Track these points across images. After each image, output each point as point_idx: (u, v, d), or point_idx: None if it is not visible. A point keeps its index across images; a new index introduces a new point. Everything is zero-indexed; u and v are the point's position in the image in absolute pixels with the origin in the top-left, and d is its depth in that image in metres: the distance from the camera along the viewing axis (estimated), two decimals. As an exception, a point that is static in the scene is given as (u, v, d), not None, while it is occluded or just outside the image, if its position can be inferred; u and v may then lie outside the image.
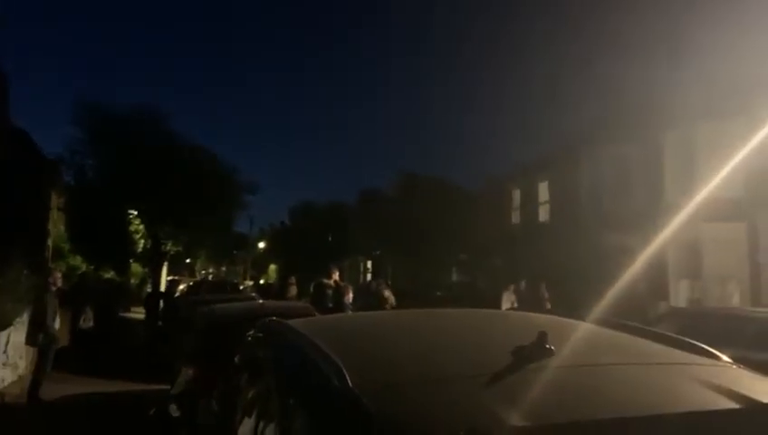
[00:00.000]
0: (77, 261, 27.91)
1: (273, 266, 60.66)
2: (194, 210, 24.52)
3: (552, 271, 20.51)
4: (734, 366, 2.04)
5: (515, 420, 1.44)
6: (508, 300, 17.45)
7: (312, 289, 10.75)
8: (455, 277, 32.96)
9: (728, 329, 7.69)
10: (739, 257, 16.17)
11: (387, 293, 8.78)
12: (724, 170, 14.91)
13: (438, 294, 24.23)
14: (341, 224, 43.55)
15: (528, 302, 17.63)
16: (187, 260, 39.62)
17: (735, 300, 16.29)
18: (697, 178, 17.04)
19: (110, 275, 28.84)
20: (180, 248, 28.46)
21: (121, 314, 22.73)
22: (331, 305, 9.71)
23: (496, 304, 16.78)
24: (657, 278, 16.53)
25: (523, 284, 19.22)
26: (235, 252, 61.56)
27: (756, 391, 1.73)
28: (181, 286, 25.47)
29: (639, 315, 13.10)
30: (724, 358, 2.10)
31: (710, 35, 14.76)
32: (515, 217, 27.82)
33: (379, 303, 8.44)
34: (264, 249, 61.64)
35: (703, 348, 2.18)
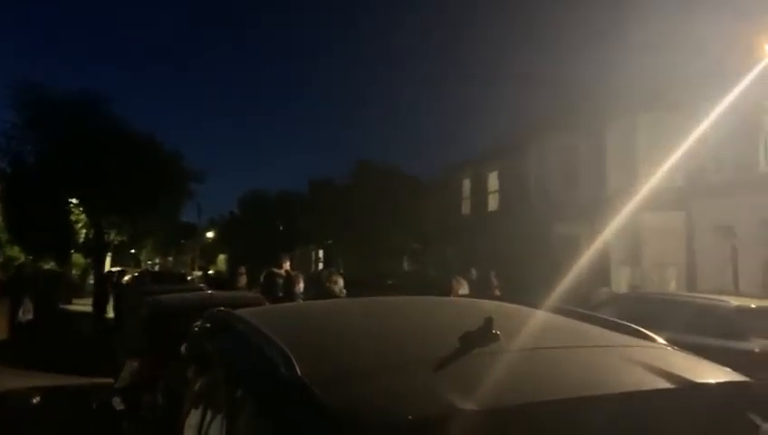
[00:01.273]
0: (15, 252, 26.69)
1: (222, 256, 59.65)
2: (138, 198, 23.74)
3: (502, 259, 20.93)
4: (669, 348, 2.13)
5: (463, 404, 1.46)
6: (458, 288, 17.73)
7: (262, 279, 10.62)
8: (406, 266, 33.19)
9: (665, 313, 8.07)
10: (677, 245, 16.90)
11: (337, 281, 8.77)
12: (665, 161, 15.53)
13: (390, 282, 24.36)
14: (292, 213, 43.17)
15: (478, 290, 17.95)
16: (132, 250, 38.46)
17: (673, 285, 17.05)
18: (639, 169, 17.69)
19: (50, 265, 27.71)
20: (124, 238, 27.59)
21: (62, 306, 21.92)
22: (281, 295, 9.63)
23: (446, 293, 17.02)
24: (600, 265, 17.09)
25: (474, 272, 19.55)
26: (182, 242, 60.17)
27: (689, 370, 1.82)
28: (126, 278, 24.72)
29: (584, 301, 13.60)
30: (660, 340, 2.20)
31: (653, 29, 15.28)
32: (466, 207, 28.21)
33: (330, 292, 8.43)
34: (213, 239, 60.50)
35: (640, 331, 2.27)
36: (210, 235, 60.90)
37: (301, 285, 10.03)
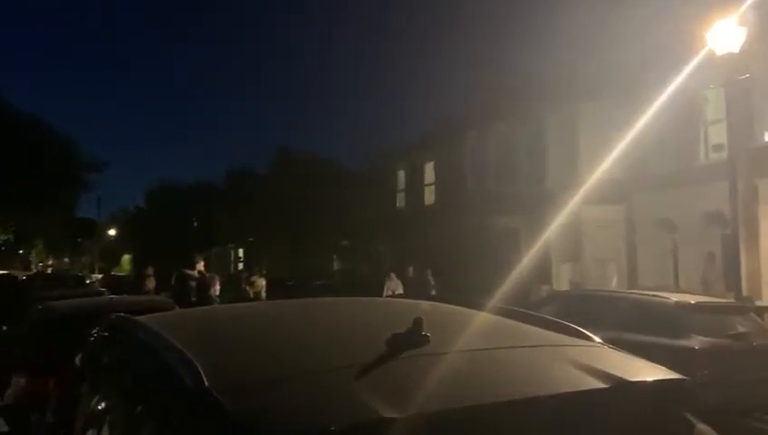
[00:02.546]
0: None
1: (126, 256, 57.62)
2: (25, 191, 22.41)
3: (439, 256, 21.28)
4: (605, 347, 2.23)
5: (383, 412, 1.46)
6: (390, 288, 17.90)
7: (173, 281, 10.36)
8: (337, 265, 33.20)
9: (606, 310, 8.45)
10: (618, 240, 17.73)
11: (257, 283, 8.68)
12: (606, 152, 16.23)
13: (318, 283, 24.32)
14: (208, 207, 42.20)
15: (414, 289, 18.21)
16: (20, 251, 36.49)
17: (614, 282, 17.87)
18: (581, 160, 18.41)
19: None
20: (10, 237, 26.11)
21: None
22: (194, 299, 9.42)
23: (379, 292, 17.14)
24: (541, 261, 17.67)
25: (410, 270, 19.83)
26: (79, 240, 57.63)
27: (624, 369, 1.91)
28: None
29: (524, 299, 14.03)
30: (596, 339, 2.30)
31: (596, 17, 15.91)
32: (401, 200, 28.48)
33: (246, 295, 8.33)
34: (116, 237, 58.34)
35: (577, 330, 2.36)
36: (112, 232, 58.67)
37: (217, 288, 9.85)
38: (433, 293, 17.67)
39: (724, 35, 10.71)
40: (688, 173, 15.53)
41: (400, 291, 17.51)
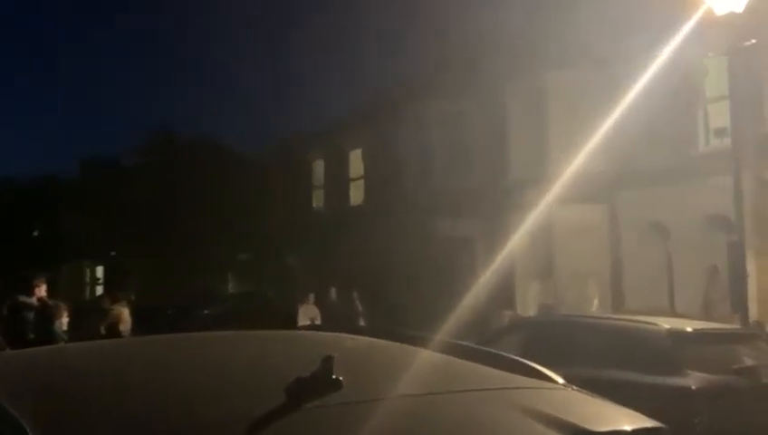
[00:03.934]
0: None
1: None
2: None
3: (369, 273, 21.35)
4: (569, 389, 2.32)
5: None
6: (307, 315, 17.86)
7: (3, 312, 10.05)
8: (233, 286, 32.80)
9: (583, 341, 8.72)
10: (599, 249, 18.27)
11: (120, 315, 8.53)
12: (582, 139, 16.68)
13: (207, 311, 23.97)
14: (53, 211, 40.91)
15: (336, 316, 18.16)
16: None
17: (595, 304, 18.40)
18: (549, 148, 18.87)
19: None
20: None
21: None
22: (32, 336, 9.16)
23: (291, 322, 17.05)
24: (502, 279, 17.99)
25: (332, 292, 19.77)
26: None
27: (590, 418, 2.00)
28: None
29: (480, 327, 14.23)
30: (559, 380, 2.39)
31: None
32: (318, 199, 28.47)
33: (111, 328, 8.17)
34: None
35: (535, 368, 2.45)
36: None
37: (64, 320, 9.58)
38: (361, 322, 17.72)
39: (726, -10, 11.24)
40: (685, 165, 16.19)
41: (319, 320, 17.45)
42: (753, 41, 12.72)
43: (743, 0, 11.29)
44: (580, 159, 16.83)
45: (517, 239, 18.31)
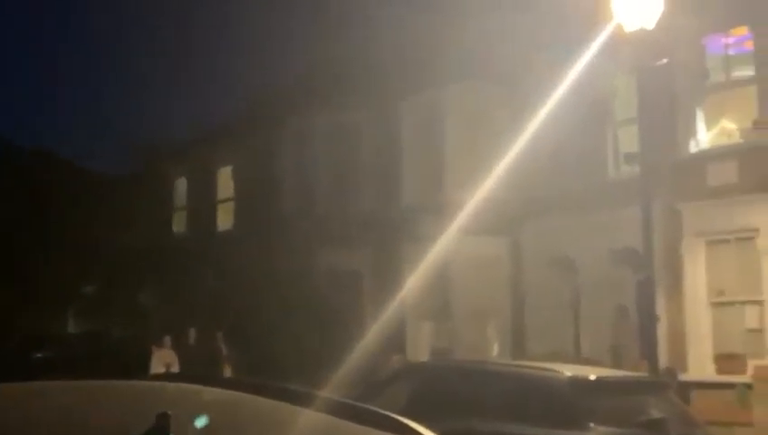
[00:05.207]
0: None
1: None
2: None
3: (238, 311, 21.06)
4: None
5: None
6: (162, 361, 17.54)
7: None
8: (74, 325, 31.73)
9: (478, 390, 8.92)
10: (500, 286, 18.64)
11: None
12: (482, 163, 17.01)
13: (39, 355, 23.11)
14: None
15: (197, 361, 17.83)
16: None
17: (495, 348, 18.78)
18: (446, 172, 19.17)
19: None
20: None
21: None
22: None
23: (143, 368, 16.72)
24: (392, 318, 18.11)
25: (191, 333, 19.45)
26: None
27: None
28: None
29: (366, 374, 14.26)
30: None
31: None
32: (180, 222, 27.95)
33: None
34: None
35: (409, 427, 2.55)
36: None
37: None
38: (226, 370, 17.48)
39: (635, 5, 11.77)
40: (594, 193, 16.81)
41: (176, 367, 17.17)
42: (665, 60, 13.35)
43: (654, 16, 11.79)
44: (481, 185, 17.24)
45: (410, 274, 18.49)
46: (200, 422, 2.10)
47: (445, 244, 17.62)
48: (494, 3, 16.97)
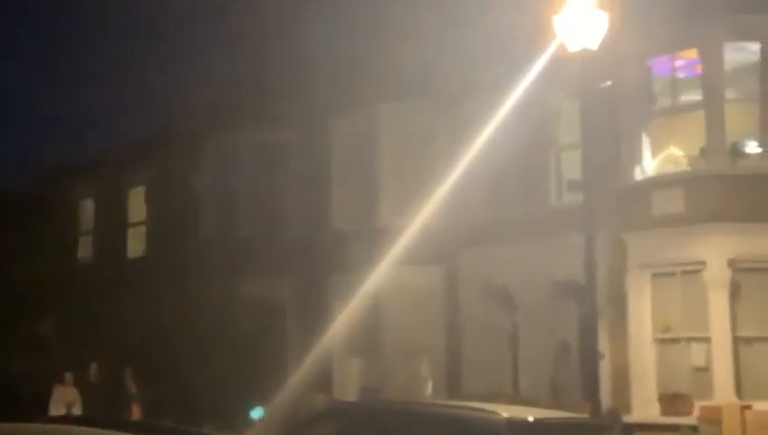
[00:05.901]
0: None
1: None
2: None
3: (149, 346, 20.78)
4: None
5: None
6: (63, 400, 17.27)
7: None
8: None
9: (403, 433, 8.96)
10: (434, 320, 18.70)
11: None
12: (415, 186, 17.10)
13: None
14: None
15: (103, 401, 17.50)
16: None
17: (429, 387, 18.81)
18: (380, 196, 19.23)
19: None
20: None
21: None
22: None
23: (43, 407, 16.45)
24: (317, 353, 18.09)
25: (93, 368, 19.13)
26: None
27: None
28: None
29: (290, 413, 14.20)
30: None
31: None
32: (85, 248, 27.50)
33: None
34: None
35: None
36: None
37: None
38: (134, 411, 17.20)
39: (578, 24, 11.99)
40: (535, 222, 17.05)
41: (78, 407, 16.92)
42: (609, 82, 13.63)
43: (597, 36, 12.00)
44: (417, 211, 17.44)
45: (338, 306, 18.52)
46: None
47: (377, 273, 17.68)
48: (435, 20, 17.17)
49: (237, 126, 21.98)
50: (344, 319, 18.50)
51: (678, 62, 16.46)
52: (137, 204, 25.83)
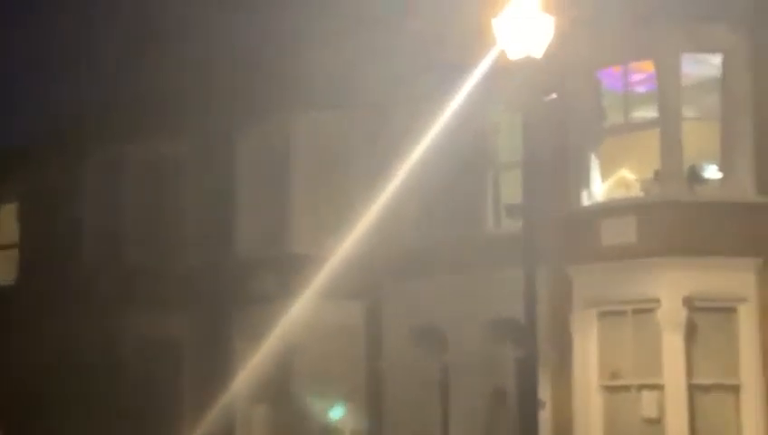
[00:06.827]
0: None
1: None
2: None
3: (18, 391, 20.38)
4: None
5: None
6: None
7: None
8: None
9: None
10: (353, 363, 18.56)
11: None
12: (332, 209, 17.03)
13: None
14: None
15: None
16: None
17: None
18: (293, 219, 19.09)
19: None
20: None
21: None
22: None
23: None
24: (217, 398, 17.88)
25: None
26: None
27: None
28: None
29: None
30: None
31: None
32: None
33: None
34: None
35: None
36: None
37: None
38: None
39: (521, 29, 11.95)
40: (469, 251, 17.01)
41: None
42: (554, 95, 13.63)
43: (542, 42, 11.94)
44: (335, 238, 17.34)
45: (242, 345, 18.28)
46: None
47: (288, 308, 17.51)
48: (357, 21, 17.10)
49: (126, 137, 21.62)
50: (250, 360, 18.29)
51: (632, 76, 16.51)
52: (8, 224, 25.26)
